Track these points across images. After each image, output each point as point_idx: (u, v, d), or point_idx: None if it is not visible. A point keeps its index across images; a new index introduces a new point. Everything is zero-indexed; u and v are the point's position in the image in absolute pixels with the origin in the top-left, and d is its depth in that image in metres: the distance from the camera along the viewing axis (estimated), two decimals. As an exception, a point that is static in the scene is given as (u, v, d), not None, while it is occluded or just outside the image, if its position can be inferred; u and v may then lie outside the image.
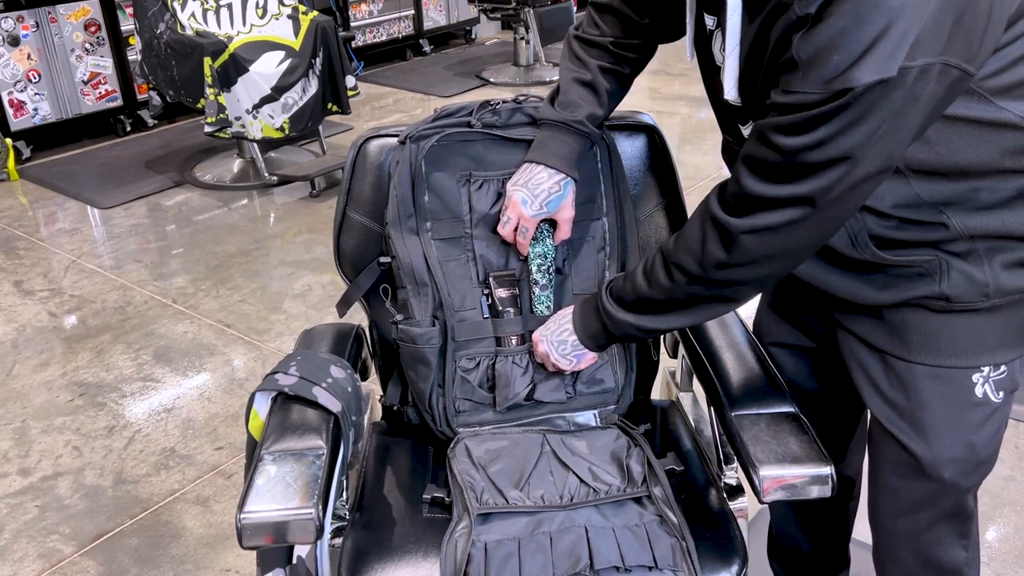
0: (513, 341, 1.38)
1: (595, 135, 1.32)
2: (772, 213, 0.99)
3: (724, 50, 1.04)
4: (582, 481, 1.24)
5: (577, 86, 1.30)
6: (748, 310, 1.43)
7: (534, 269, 1.37)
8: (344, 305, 1.45)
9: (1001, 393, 1.14)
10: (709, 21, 1.09)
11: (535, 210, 1.30)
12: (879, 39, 0.85)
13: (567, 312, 1.30)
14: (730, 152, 1.25)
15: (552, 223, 1.36)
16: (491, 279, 1.37)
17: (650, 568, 1.11)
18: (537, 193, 1.30)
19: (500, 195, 1.38)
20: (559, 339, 1.29)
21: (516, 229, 1.33)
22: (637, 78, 1.36)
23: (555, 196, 1.30)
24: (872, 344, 1.18)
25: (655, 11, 1.25)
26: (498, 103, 1.38)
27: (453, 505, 1.22)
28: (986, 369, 1.13)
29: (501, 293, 1.37)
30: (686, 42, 1.15)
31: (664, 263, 1.12)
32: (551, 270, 1.37)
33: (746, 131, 1.13)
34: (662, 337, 1.53)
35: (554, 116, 1.30)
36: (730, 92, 1.06)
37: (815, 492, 1.10)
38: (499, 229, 1.35)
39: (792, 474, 1.10)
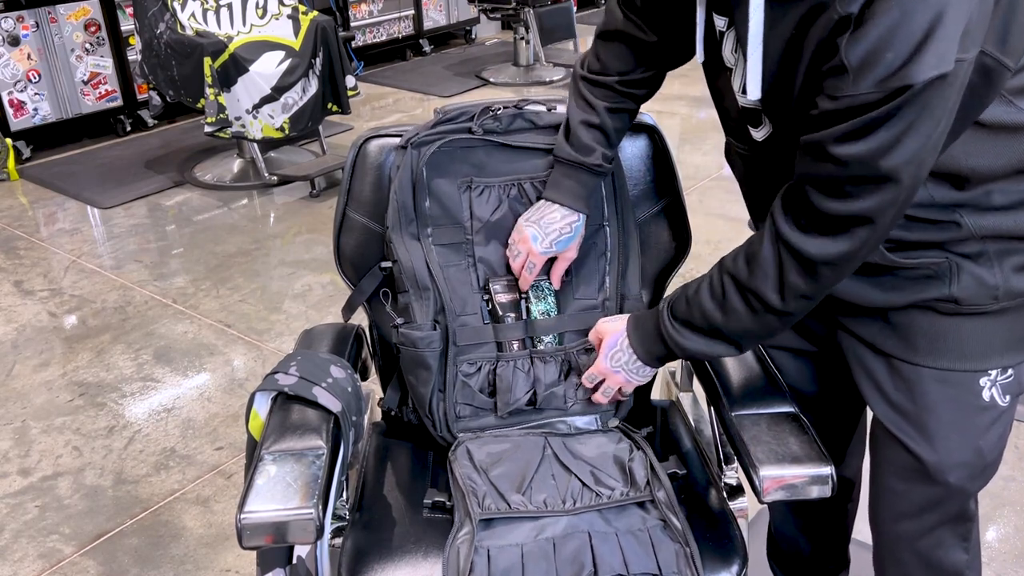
0: (514, 346, 1.38)
1: (606, 171, 1.33)
2: (846, 235, 0.96)
3: (738, 51, 1.03)
4: (584, 485, 1.23)
5: (586, 129, 1.30)
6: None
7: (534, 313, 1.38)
8: (349, 310, 1.46)
9: (1008, 397, 1.14)
10: (719, 22, 1.07)
11: (544, 247, 1.32)
12: (931, 32, 0.83)
13: (617, 337, 1.25)
14: (734, 155, 1.24)
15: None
16: (491, 284, 1.38)
17: (654, 575, 1.10)
18: (549, 232, 1.32)
19: (501, 201, 1.38)
20: (634, 366, 1.24)
21: (524, 265, 1.34)
22: None
23: (565, 237, 1.32)
24: (877, 347, 1.17)
25: (664, 23, 1.22)
26: (499, 108, 1.38)
27: (455, 509, 1.22)
28: (993, 372, 1.12)
29: (501, 298, 1.37)
30: (696, 41, 1.13)
31: (740, 291, 1.07)
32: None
33: (758, 134, 1.11)
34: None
35: (571, 156, 1.31)
36: (754, 92, 1.02)
37: (815, 492, 1.10)
38: (510, 261, 1.36)
39: (792, 474, 1.10)
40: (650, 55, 1.26)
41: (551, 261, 1.36)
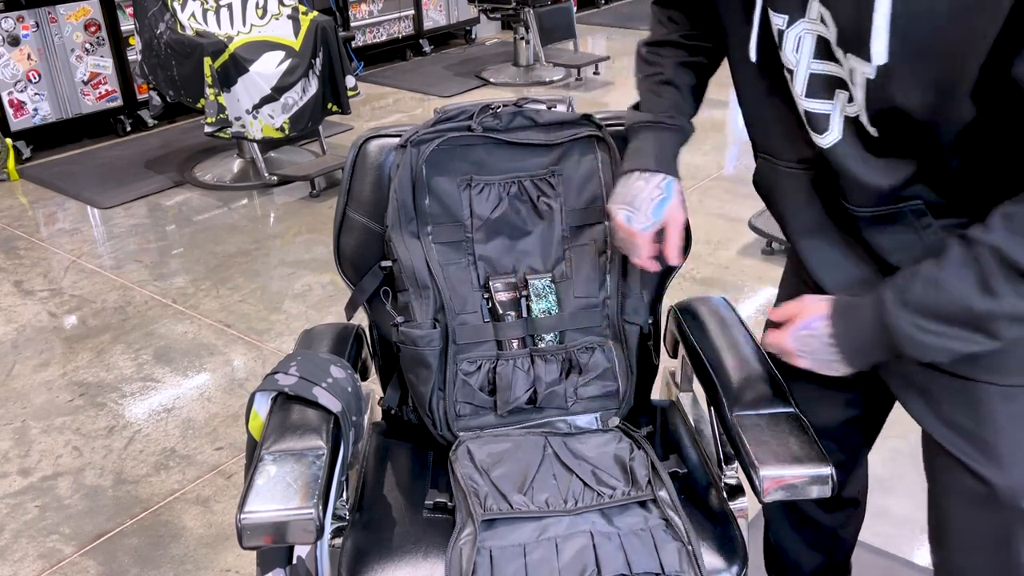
0: (514, 344, 1.38)
1: (686, 126, 1.24)
2: None
3: (833, 28, 0.92)
4: (586, 485, 1.23)
5: (655, 87, 1.22)
6: (748, 310, 1.43)
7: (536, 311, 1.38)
8: (351, 308, 1.46)
9: None
10: (778, 20, 0.97)
11: (643, 223, 1.21)
12: None
13: (815, 320, 1.06)
14: (776, 175, 1.12)
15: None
16: (491, 282, 1.37)
17: (657, 574, 1.10)
18: (638, 205, 1.21)
19: (501, 199, 1.38)
20: (826, 357, 1.06)
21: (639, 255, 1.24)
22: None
23: (658, 200, 1.21)
24: (935, 364, 1.05)
25: (703, 20, 1.17)
26: (498, 106, 1.38)
27: (456, 510, 1.21)
28: None
29: (501, 297, 1.37)
30: (750, 42, 1.03)
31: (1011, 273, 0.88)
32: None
33: (824, 139, 0.98)
34: (663, 338, 1.53)
35: (637, 118, 1.23)
36: (879, 56, 0.87)
37: (815, 492, 1.10)
38: (630, 257, 1.28)
39: (792, 474, 1.10)
40: (707, 22, 1.18)
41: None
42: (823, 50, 0.95)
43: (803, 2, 0.94)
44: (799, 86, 0.98)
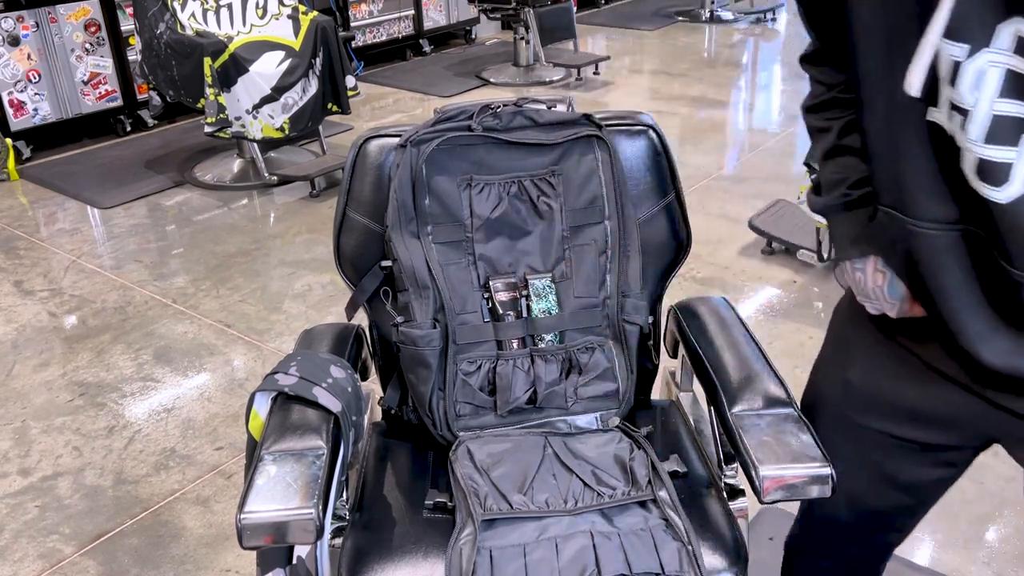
0: (514, 344, 1.38)
1: (864, 199, 1.05)
2: None
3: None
4: (586, 485, 1.23)
5: (831, 161, 1.08)
6: (748, 310, 1.43)
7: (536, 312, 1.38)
8: (352, 308, 1.46)
9: None
10: (955, 50, 0.83)
11: (891, 309, 1.06)
12: None
13: None
14: (895, 235, 0.97)
15: (552, 281, 1.36)
16: (491, 282, 1.37)
17: (657, 574, 1.10)
18: (874, 296, 1.07)
19: (501, 199, 1.38)
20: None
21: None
22: (637, 78, 1.31)
23: (888, 282, 1.05)
24: None
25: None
26: (498, 106, 1.38)
27: (456, 510, 1.21)
28: None
29: (502, 297, 1.37)
30: (913, 74, 0.87)
31: None
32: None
33: (1001, 193, 0.84)
34: (663, 338, 1.53)
35: (819, 203, 1.10)
36: None
37: (815, 492, 1.10)
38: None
39: (792, 474, 1.10)
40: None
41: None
42: (1014, 87, 0.82)
43: (990, 28, 0.80)
44: (976, 130, 0.84)
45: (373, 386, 1.58)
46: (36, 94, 4.38)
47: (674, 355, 1.54)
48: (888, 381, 1.11)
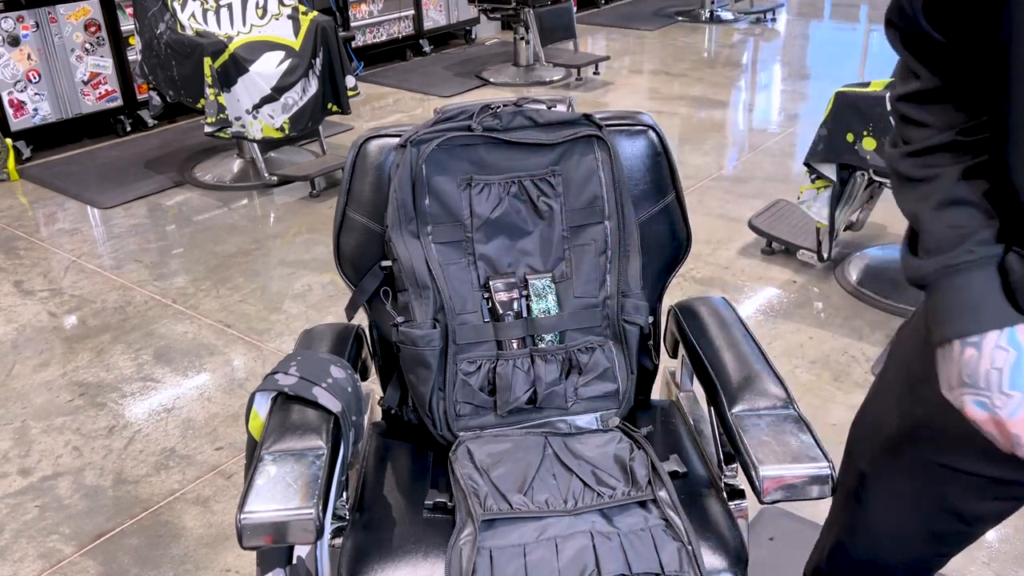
0: (514, 345, 1.38)
1: (994, 251, 0.85)
2: None
3: None
4: (586, 485, 1.23)
5: (945, 212, 0.87)
6: (748, 310, 1.43)
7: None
8: (352, 309, 1.46)
9: None
10: None
11: (1012, 406, 0.84)
12: None
13: None
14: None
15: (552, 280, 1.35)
16: (491, 282, 1.37)
17: (657, 575, 1.10)
18: (986, 383, 0.85)
19: (501, 199, 1.38)
20: None
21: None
22: (637, 78, 1.31)
23: (1011, 366, 0.84)
24: None
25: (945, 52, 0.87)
26: (498, 106, 1.38)
27: (456, 510, 1.22)
28: None
29: (501, 297, 1.37)
30: None
31: None
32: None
33: None
34: (663, 338, 1.53)
35: (929, 267, 0.87)
36: None
37: (815, 492, 1.10)
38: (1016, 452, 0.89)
39: (792, 474, 1.10)
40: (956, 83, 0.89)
41: None
42: None
43: None
44: None
45: (373, 386, 1.58)
46: (36, 94, 4.38)
47: (674, 355, 1.54)
48: (963, 421, 0.91)
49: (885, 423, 1.10)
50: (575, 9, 5.78)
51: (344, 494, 1.30)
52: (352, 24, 5.71)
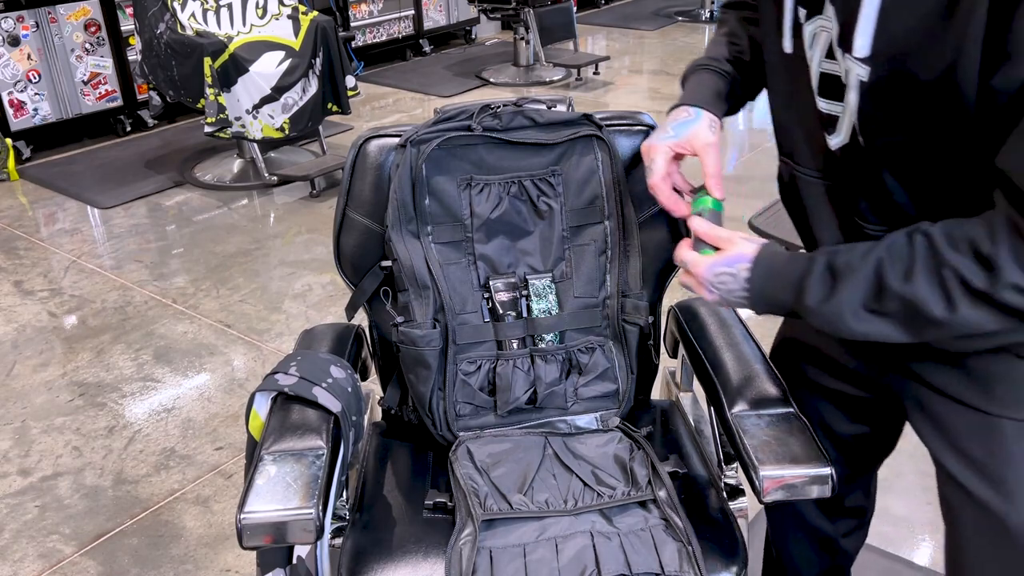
0: (514, 344, 1.38)
1: (735, 78, 1.22)
2: None
3: (837, 17, 0.91)
4: (586, 485, 1.23)
5: (720, 38, 1.24)
6: (747, 310, 1.44)
7: (533, 298, 1.38)
8: (352, 309, 1.46)
9: None
10: (801, 13, 0.99)
11: (662, 135, 1.20)
12: None
13: (738, 260, 1.03)
14: (795, 184, 1.10)
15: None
16: (492, 282, 1.37)
17: (657, 575, 1.10)
18: (665, 125, 1.21)
19: (501, 199, 1.38)
20: (735, 298, 1.06)
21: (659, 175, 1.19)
22: (637, 78, 1.33)
23: (683, 121, 1.18)
24: (949, 394, 1.04)
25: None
26: (498, 106, 1.38)
27: (456, 510, 1.21)
28: None
29: (502, 297, 1.37)
30: (783, 31, 1.02)
31: (934, 261, 0.87)
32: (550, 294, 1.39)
33: (833, 141, 0.98)
34: (663, 338, 1.53)
35: (694, 64, 1.24)
36: (861, 48, 0.87)
37: (815, 492, 1.10)
38: (654, 191, 1.21)
39: (792, 474, 1.10)
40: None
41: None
42: (830, 48, 0.95)
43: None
44: (815, 84, 0.98)
45: (373, 386, 1.58)
46: (36, 94, 4.38)
47: (674, 355, 1.54)
48: (823, 336, 1.17)
49: (784, 344, 1.34)
50: (575, 9, 5.78)
51: (344, 494, 1.30)
52: (352, 24, 5.72)
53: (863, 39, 0.88)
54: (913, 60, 0.85)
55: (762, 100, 1.19)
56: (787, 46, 1.02)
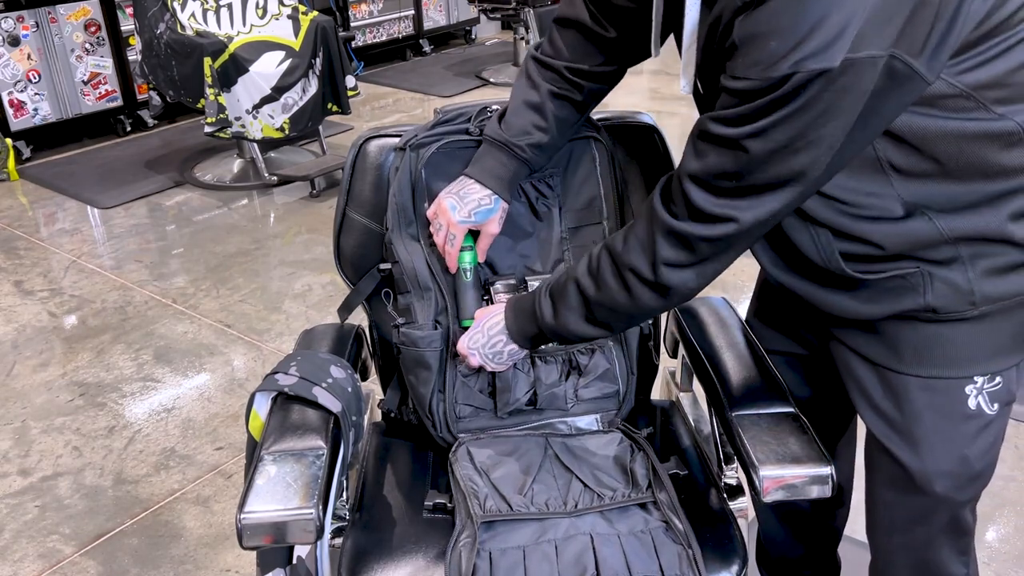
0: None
1: (533, 161, 1.29)
2: (712, 226, 0.98)
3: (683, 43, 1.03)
4: (586, 486, 1.23)
5: (525, 109, 1.26)
6: (745, 311, 1.44)
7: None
8: (345, 311, 1.46)
9: (996, 405, 1.11)
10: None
11: (462, 217, 1.28)
12: (818, 26, 0.82)
13: (495, 318, 1.26)
14: None
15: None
16: (491, 285, 1.37)
17: None
18: (467, 202, 1.28)
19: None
20: (494, 351, 1.27)
21: (445, 238, 1.30)
22: (636, 78, 1.33)
23: (484, 208, 1.29)
24: (865, 355, 1.15)
25: (623, 21, 1.20)
26: (496, 108, 1.38)
27: (456, 511, 1.21)
28: (980, 380, 1.09)
29: (502, 298, 1.37)
30: (652, 40, 1.13)
31: (615, 265, 1.08)
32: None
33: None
34: (663, 338, 1.53)
35: (496, 135, 1.28)
36: (685, 87, 1.05)
37: (815, 492, 1.10)
38: (434, 238, 1.32)
39: (792, 474, 1.10)
40: (606, 49, 1.23)
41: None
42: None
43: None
44: (682, 73, 1.09)
45: (373, 386, 1.58)
46: (36, 94, 4.38)
47: (674, 355, 1.54)
48: (771, 304, 1.38)
49: (751, 320, 1.45)
50: (575, 9, 5.78)
51: (344, 494, 1.30)
52: (352, 24, 5.72)
53: (687, 75, 1.06)
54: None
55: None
56: (655, 54, 1.15)
